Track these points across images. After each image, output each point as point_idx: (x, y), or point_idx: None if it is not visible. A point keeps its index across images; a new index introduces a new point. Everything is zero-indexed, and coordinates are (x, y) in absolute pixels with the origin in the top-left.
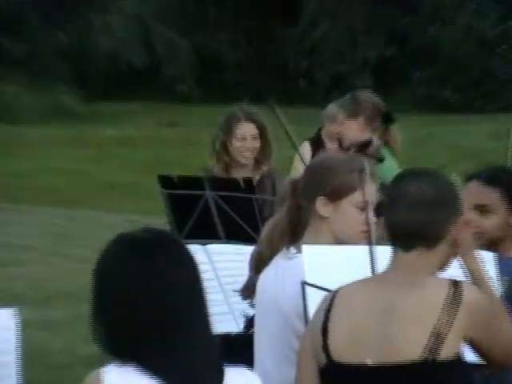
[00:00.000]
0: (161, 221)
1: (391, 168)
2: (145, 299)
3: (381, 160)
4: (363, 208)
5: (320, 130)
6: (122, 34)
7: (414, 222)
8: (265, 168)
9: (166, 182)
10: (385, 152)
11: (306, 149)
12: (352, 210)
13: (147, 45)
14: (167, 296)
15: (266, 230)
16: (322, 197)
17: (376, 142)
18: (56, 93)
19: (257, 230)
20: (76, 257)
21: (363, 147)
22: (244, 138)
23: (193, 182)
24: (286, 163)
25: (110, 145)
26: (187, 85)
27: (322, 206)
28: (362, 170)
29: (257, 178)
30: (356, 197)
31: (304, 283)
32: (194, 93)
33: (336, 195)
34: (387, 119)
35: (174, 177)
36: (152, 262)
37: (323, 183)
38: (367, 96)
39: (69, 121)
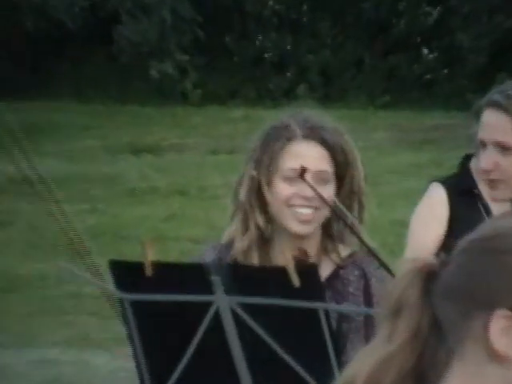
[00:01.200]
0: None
1: None
2: None
3: None
4: None
5: (468, 158)
6: None
7: None
8: (346, 248)
9: (126, 273)
10: None
11: (437, 198)
12: None
13: None
14: None
15: (359, 371)
16: (505, 311)
17: None
18: None
19: (326, 376)
20: None
21: None
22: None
23: (188, 275)
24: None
25: (4, 195)
26: (173, 62)
27: (501, 331)
28: None
29: (328, 269)
30: None
31: None
32: (189, 79)
33: None
34: None
35: (146, 264)
36: None
37: (509, 287)
38: None
39: None
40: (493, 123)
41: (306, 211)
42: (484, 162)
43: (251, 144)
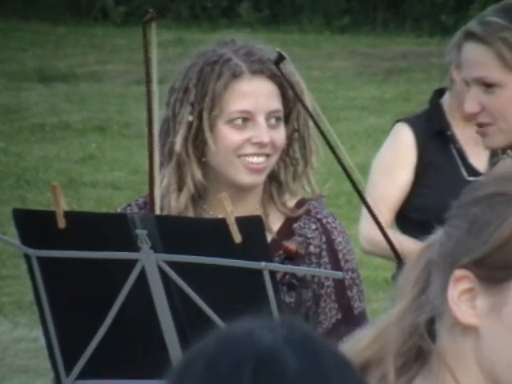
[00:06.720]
0: None
1: None
2: None
3: None
4: None
5: (440, 93)
6: None
7: None
8: (292, 198)
9: (34, 225)
10: None
11: (403, 141)
12: None
13: None
14: None
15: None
16: (463, 271)
17: None
18: None
19: None
20: None
21: None
22: (249, 119)
23: (108, 228)
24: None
25: None
26: None
27: (461, 296)
28: None
29: (277, 221)
30: None
31: None
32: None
33: (502, 273)
34: None
35: (58, 214)
36: None
37: (473, 239)
38: None
39: None
40: (471, 58)
41: (258, 160)
42: (466, 104)
43: (180, 82)
